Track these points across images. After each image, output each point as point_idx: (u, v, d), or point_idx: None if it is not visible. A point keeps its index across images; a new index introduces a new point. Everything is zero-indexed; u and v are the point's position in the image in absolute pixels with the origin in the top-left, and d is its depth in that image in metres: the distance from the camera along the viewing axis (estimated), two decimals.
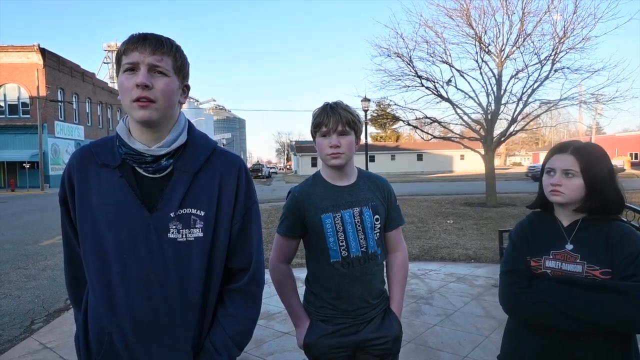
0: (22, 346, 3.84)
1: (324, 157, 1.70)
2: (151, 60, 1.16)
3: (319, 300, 1.76)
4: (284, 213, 1.78)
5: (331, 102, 1.72)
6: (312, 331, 1.75)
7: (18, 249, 8.45)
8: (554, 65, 12.62)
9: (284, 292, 1.82)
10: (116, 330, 1.22)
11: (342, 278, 1.69)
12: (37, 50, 29.85)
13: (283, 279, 1.81)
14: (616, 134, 57.66)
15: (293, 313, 1.82)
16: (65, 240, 1.37)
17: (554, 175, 1.52)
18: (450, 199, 16.11)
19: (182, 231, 1.22)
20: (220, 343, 1.26)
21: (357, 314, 1.73)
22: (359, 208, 1.71)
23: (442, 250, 7.15)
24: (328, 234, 1.68)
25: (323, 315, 1.75)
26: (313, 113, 1.73)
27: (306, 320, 1.78)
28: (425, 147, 58.32)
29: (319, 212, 1.69)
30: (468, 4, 13.00)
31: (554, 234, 1.55)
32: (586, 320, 1.39)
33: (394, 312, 1.81)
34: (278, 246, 1.81)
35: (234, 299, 1.31)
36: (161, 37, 1.20)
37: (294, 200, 1.75)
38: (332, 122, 1.65)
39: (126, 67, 1.17)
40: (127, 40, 1.18)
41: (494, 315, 4.01)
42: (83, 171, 1.26)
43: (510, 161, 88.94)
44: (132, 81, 1.15)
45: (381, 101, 16.99)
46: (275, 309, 4.41)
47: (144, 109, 1.16)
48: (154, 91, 1.16)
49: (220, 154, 1.32)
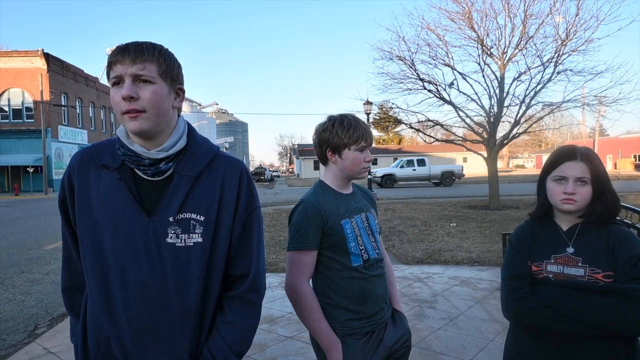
0: (25, 351, 3.84)
1: (358, 170, 1.75)
2: (133, 70, 1.14)
3: (342, 312, 1.68)
4: (305, 225, 1.64)
5: (352, 117, 1.76)
6: (348, 352, 1.66)
7: (22, 254, 8.47)
8: (556, 67, 12.60)
9: (312, 314, 1.66)
10: (114, 335, 1.21)
11: (366, 280, 1.69)
12: (41, 55, 30.03)
13: (312, 300, 1.66)
14: (619, 135, 57.45)
15: (323, 335, 1.66)
16: (64, 244, 1.37)
17: (566, 183, 1.49)
18: (453, 201, 16.07)
19: (181, 236, 1.21)
20: (219, 351, 1.23)
21: (379, 317, 1.73)
22: (365, 213, 1.77)
23: (446, 254, 7.13)
24: (349, 239, 1.68)
25: (350, 329, 1.68)
26: (335, 126, 1.73)
27: (337, 340, 1.66)
28: (427, 149, 58.19)
29: (338, 219, 1.68)
30: (470, 7, 13.03)
31: (555, 238, 1.54)
32: (593, 324, 1.38)
33: (398, 310, 1.86)
34: (301, 264, 1.65)
35: (233, 306, 1.29)
36: (143, 44, 1.18)
37: (315, 209, 1.66)
38: (370, 137, 1.72)
39: (113, 81, 1.17)
40: (111, 53, 1.19)
41: (498, 319, 4.01)
42: (83, 172, 1.25)
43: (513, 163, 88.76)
44: (119, 94, 1.15)
45: (383, 104, 16.96)
46: (278, 313, 4.40)
47: (135, 120, 1.16)
48: (140, 101, 1.15)
49: (222, 159, 1.31)
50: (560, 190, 1.50)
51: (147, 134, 1.20)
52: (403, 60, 13.66)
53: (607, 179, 1.51)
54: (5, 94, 30.78)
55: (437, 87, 13.76)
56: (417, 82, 13.79)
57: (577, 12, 12.11)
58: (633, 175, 34.67)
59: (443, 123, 14.72)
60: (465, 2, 13.04)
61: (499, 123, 13.68)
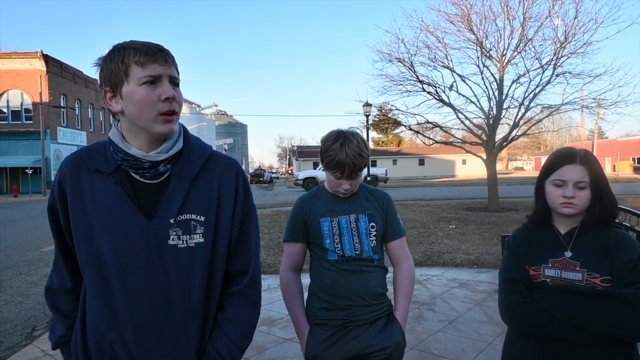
0: (23, 353, 3.82)
1: (334, 190, 1.81)
2: (171, 72, 1.18)
3: (317, 300, 1.80)
4: (291, 220, 1.88)
5: (346, 146, 1.69)
6: (312, 339, 1.78)
7: (20, 255, 8.46)
8: (555, 70, 12.63)
9: (288, 299, 1.86)
10: (118, 340, 1.21)
11: (338, 273, 1.75)
12: (40, 56, 30.04)
13: (288, 286, 1.86)
14: (618, 138, 57.59)
15: (294, 320, 1.85)
16: (55, 249, 1.39)
17: (565, 187, 1.48)
18: (452, 203, 16.07)
19: (183, 237, 1.21)
20: (223, 348, 1.26)
21: (352, 313, 1.74)
22: (355, 215, 1.79)
23: (445, 256, 7.12)
24: (325, 236, 1.77)
25: (320, 319, 1.79)
26: (326, 144, 1.74)
27: (305, 327, 1.81)
28: (427, 151, 58.31)
29: (318, 216, 1.80)
30: (469, 9, 13.06)
31: (553, 242, 1.53)
32: (590, 329, 1.37)
33: (398, 320, 1.80)
34: (285, 254, 1.89)
35: (233, 302, 1.31)
36: (163, 47, 1.20)
37: (298, 207, 1.87)
38: (347, 171, 1.70)
39: (146, 79, 1.14)
40: (138, 51, 1.14)
41: (497, 321, 4.00)
42: (75, 179, 1.24)
43: (512, 166, 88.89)
44: (156, 94, 1.15)
45: (383, 106, 16.93)
46: (277, 315, 4.39)
47: (171, 123, 1.18)
48: (175, 103, 1.18)
49: (217, 158, 1.32)
50: (559, 194, 1.49)
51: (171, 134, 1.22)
52: (402, 62, 13.69)
53: (606, 182, 1.50)
54: (4, 96, 30.76)
55: (436, 89, 13.79)
56: (417, 84, 13.82)
57: (576, 14, 12.17)
58: (632, 177, 34.71)
59: (442, 125, 14.73)
60: (464, 5, 13.09)
61: (498, 125, 13.69)
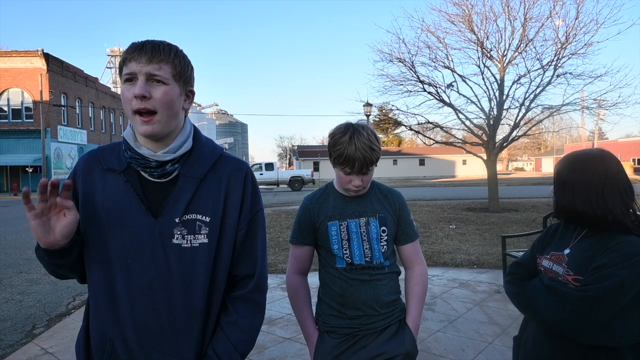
0: (23, 351, 3.83)
1: (344, 188, 1.70)
2: (148, 70, 1.15)
3: (327, 307, 1.74)
4: (297, 221, 1.79)
5: (356, 139, 1.57)
6: (321, 347, 1.72)
7: (20, 253, 8.46)
8: (556, 70, 12.61)
9: (295, 304, 1.79)
10: (119, 337, 1.21)
11: (347, 283, 1.68)
12: (41, 55, 30.03)
13: (295, 291, 1.78)
14: (619, 139, 57.56)
15: (302, 327, 1.78)
16: None
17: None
18: (452, 204, 16.06)
19: (187, 237, 1.22)
20: (224, 351, 1.24)
21: (362, 322, 1.68)
22: (366, 218, 1.70)
23: (445, 256, 7.12)
24: (333, 241, 1.69)
25: (329, 326, 1.72)
26: (334, 138, 1.63)
27: (314, 334, 1.75)
28: (427, 152, 58.31)
29: (326, 220, 1.71)
30: (470, 9, 13.05)
31: (565, 238, 1.58)
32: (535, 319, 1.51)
33: (409, 327, 1.73)
34: (292, 256, 1.81)
35: (237, 306, 1.29)
36: (160, 44, 1.18)
37: (305, 209, 1.77)
38: (357, 166, 1.58)
39: (125, 77, 1.16)
40: (126, 49, 1.18)
41: (497, 321, 3.99)
42: (88, 176, 1.26)
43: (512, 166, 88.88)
44: (131, 92, 1.15)
45: (383, 106, 16.93)
46: (277, 314, 4.40)
47: (147, 124, 1.16)
48: (152, 101, 1.15)
49: (227, 160, 1.32)
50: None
51: (157, 137, 1.20)
52: (403, 62, 13.67)
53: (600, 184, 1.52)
54: (4, 94, 30.75)
55: (437, 89, 13.77)
56: (417, 84, 13.80)
57: (577, 15, 12.14)
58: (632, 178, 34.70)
59: (443, 125, 14.73)
60: (465, 5, 13.08)
61: (499, 125, 13.68)
